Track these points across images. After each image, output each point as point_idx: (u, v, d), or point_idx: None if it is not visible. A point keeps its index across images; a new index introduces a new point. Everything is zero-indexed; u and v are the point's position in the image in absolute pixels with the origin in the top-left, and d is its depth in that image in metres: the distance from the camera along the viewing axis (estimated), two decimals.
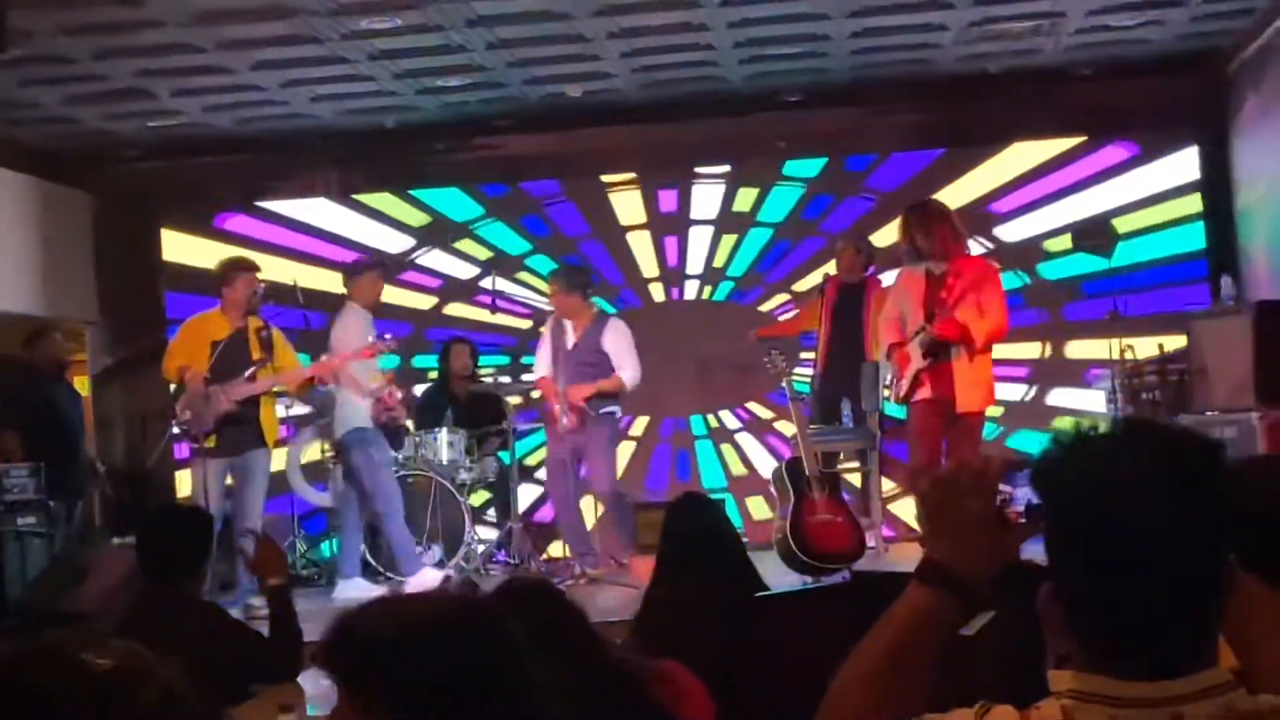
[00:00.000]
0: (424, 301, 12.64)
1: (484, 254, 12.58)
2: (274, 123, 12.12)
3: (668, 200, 12.49)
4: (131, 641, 1.74)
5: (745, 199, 12.42)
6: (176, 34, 9.61)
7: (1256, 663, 2.04)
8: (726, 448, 12.31)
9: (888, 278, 10.52)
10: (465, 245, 12.64)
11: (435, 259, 12.67)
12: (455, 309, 12.63)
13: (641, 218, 12.49)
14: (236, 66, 10.46)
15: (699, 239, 12.43)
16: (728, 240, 12.41)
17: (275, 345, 9.72)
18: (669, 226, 12.41)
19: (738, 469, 12.27)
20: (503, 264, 12.32)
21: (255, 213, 12.70)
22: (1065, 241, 11.63)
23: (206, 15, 9.33)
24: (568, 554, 10.35)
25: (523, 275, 12.41)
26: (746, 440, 12.32)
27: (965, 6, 9.91)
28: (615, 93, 11.79)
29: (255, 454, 9.57)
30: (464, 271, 12.63)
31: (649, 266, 12.41)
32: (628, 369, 10.07)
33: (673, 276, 12.43)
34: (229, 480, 9.57)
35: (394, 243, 12.62)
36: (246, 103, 11.50)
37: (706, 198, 12.48)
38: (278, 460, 10.60)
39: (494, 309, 11.70)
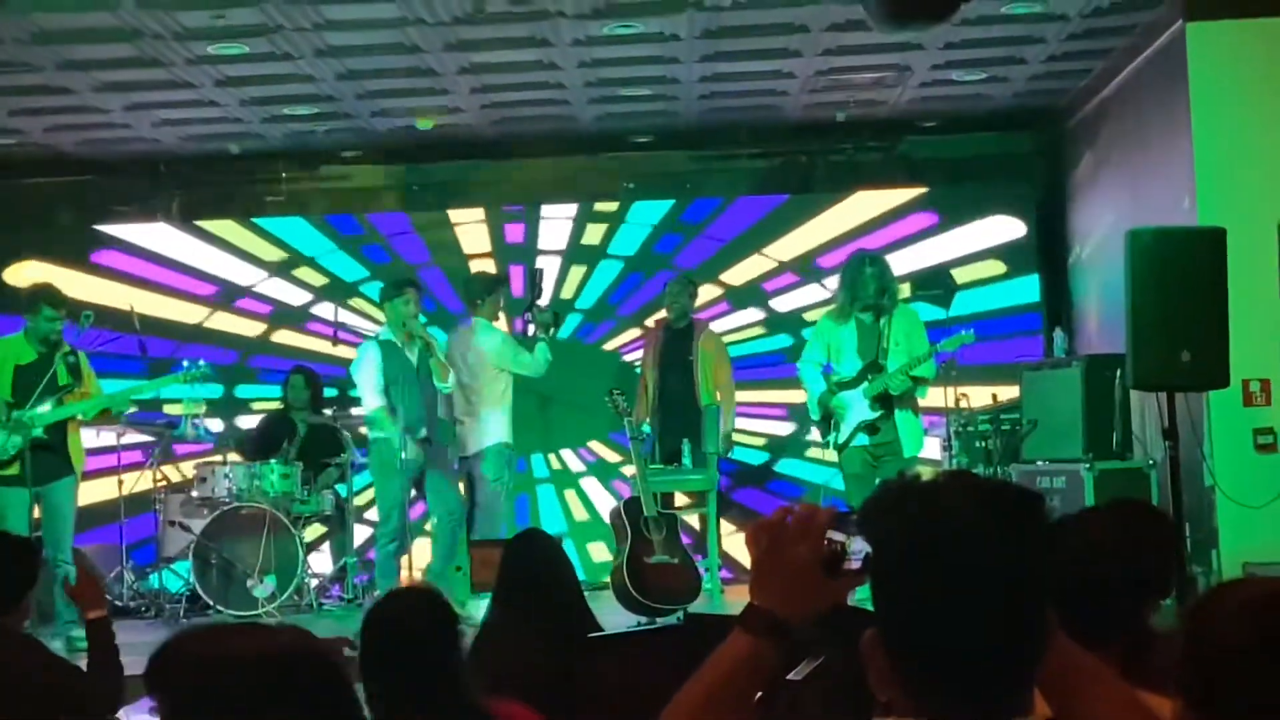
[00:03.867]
0: (252, 328, 12.46)
1: (319, 280, 12.45)
2: (116, 146, 11.92)
3: (514, 232, 12.44)
4: None
5: (594, 233, 12.42)
6: (15, 52, 9.41)
7: (1070, 715, 2.08)
8: (570, 492, 12.30)
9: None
10: (301, 272, 12.48)
11: (268, 285, 12.47)
12: (285, 336, 12.44)
13: (486, 247, 12.39)
14: (78, 88, 10.26)
15: (549, 267, 11.93)
16: (577, 271, 12.37)
17: (82, 371, 9.51)
18: (515, 256, 12.21)
19: (580, 514, 12.24)
20: (338, 292, 12.24)
21: (94, 237, 12.43)
22: (904, 290, 11.78)
23: (47, 34, 9.14)
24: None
25: (357, 302, 12.30)
26: (590, 484, 12.30)
27: (813, 55, 10.06)
28: (465, 127, 11.77)
29: (63, 482, 9.36)
30: (296, 298, 12.45)
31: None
32: None
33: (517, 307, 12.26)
34: (36, 510, 9.30)
35: (239, 272, 12.45)
36: (88, 125, 11.29)
37: (554, 230, 12.41)
38: (108, 489, 10.44)
39: (335, 340, 11.55)
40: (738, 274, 12.27)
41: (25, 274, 12.11)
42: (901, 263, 11.89)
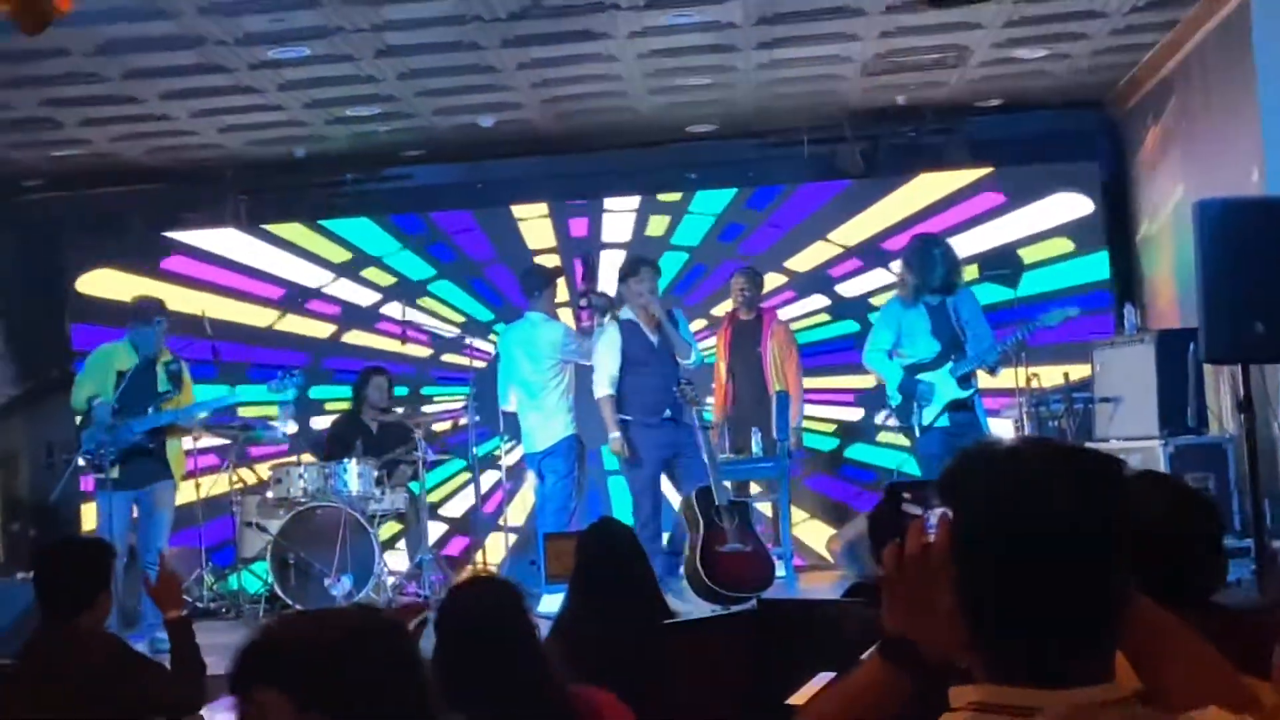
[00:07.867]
0: (321, 330, 12.64)
1: (387, 280, 12.59)
2: (183, 152, 12.03)
3: (578, 226, 12.47)
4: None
5: (657, 225, 12.43)
6: (82, 63, 9.52)
7: (1161, 683, 2.06)
8: None
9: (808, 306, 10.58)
10: (369, 272, 12.64)
11: (337, 287, 12.63)
12: (355, 337, 12.61)
13: (551, 242, 12.42)
14: (144, 96, 10.37)
15: (611, 261, 11.86)
16: None
17: (184, 379, 9.69)
18: (580, 249, 12.07)
19: None
20: (407, 291, 12.34)
21: (163, 243, 12.57)
22: (972, 271, 11.71)
23: (112, 44, 9.24)
24: None
25: (425, 301, 12.43)
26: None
27: (870, 38, 10.01)
28: (526, 123, 11.80)
29: (160, 485, 9.52)
30: (365, 298, 12.62)
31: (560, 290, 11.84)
32: None
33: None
34: (134, 513, 9.50)
35: (308, 274, 12.62)
36: (155, 132, 11.41)
37: (618, 224, 12.46)
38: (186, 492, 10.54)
39: (404, 339, 11.65)
40: (803, 260, 12.24)
41: (98, 283, 12.29)
42: (968, 243, 11.84)
